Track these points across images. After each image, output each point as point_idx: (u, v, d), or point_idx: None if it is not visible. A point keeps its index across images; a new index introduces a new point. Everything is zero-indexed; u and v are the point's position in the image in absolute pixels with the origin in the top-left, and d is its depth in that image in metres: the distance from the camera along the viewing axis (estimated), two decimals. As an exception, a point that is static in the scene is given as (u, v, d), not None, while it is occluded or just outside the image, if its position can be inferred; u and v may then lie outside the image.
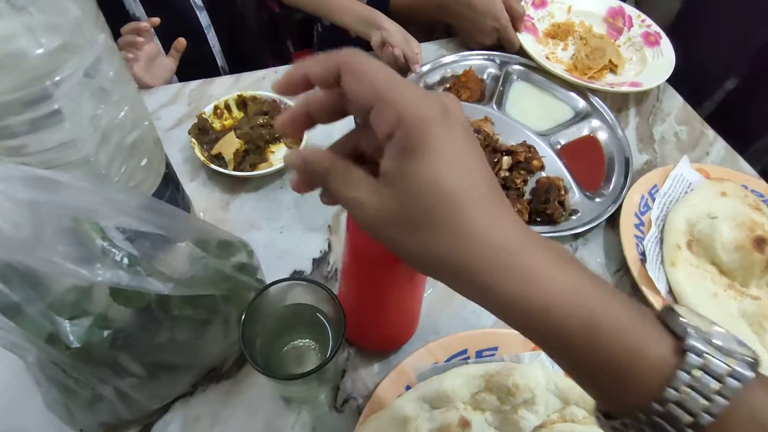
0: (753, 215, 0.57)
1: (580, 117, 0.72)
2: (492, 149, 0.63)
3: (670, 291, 0.54)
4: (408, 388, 0.45)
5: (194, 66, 0.77)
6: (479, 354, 0.48)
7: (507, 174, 0.62)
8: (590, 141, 0.70)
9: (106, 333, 0.35)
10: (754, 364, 0.21)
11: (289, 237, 0.56)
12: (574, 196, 0.64)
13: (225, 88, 0.70)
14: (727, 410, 0.20)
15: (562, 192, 0.61)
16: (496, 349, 0.48)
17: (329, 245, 0.56)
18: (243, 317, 0.36)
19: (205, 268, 0.38)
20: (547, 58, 0.77)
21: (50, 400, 0.34)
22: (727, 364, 0.21)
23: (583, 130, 0.71)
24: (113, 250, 0.33)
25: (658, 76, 0.74)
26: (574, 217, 0.61)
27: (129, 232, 0.34)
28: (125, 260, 0.34)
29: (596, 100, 0.73)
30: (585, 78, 0.75)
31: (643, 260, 0.55)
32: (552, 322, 0.22)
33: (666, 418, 0.21)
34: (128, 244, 0.34)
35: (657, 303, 0.52)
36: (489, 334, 0.49)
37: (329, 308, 0.39)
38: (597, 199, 0.63)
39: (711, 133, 0.74)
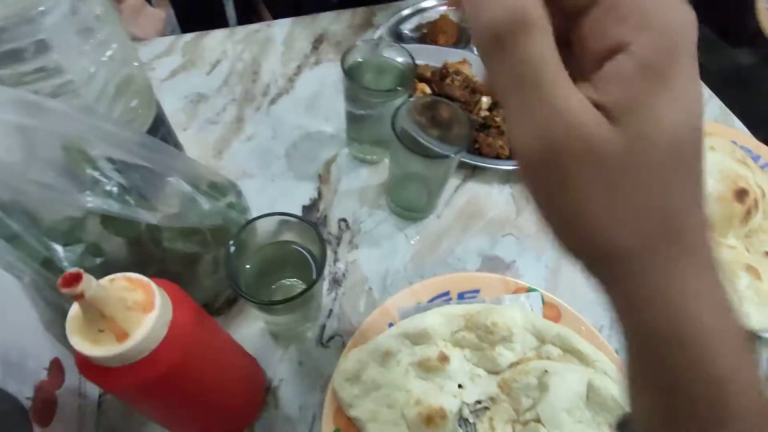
0: (738, 169, 0.58)
1: None
2: (471, 90, 0.64)
3: None
4: (391, 325, 0.47)
5: (202, 17, 0.77)
6: (461, 296, 0.50)
7: (487, 113, 0.63)
8: None
9: (98, 260, 0.37)
10: None
11: (280, 185, 0.57)
12: None
13: (219, 41, 0.70)
14: None
15: None
16: (477, 291, 0.50)
17: (319, 193, 0.57)
18: (230, 244, 0.37)
19: (193, 203, 0.39)
20: None
21: (46, 320, 0.36)
22: None
23: None
24: (103, 179, 0.35)
25: None
26: None
27: (118, 163, 0.36)
28: (115, 190, 0.35)
29: None
30: None
31: None
32: (702, 370, 0.18)
33: None
34: (117, 174, 0.36)
35: None
36: (471, 278, 0.50)
37: (313, 244, 0.41)
38: None
39: (706, 91, 0.74)
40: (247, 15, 0.77)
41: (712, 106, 0.72)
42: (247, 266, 0.42)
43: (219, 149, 0.59)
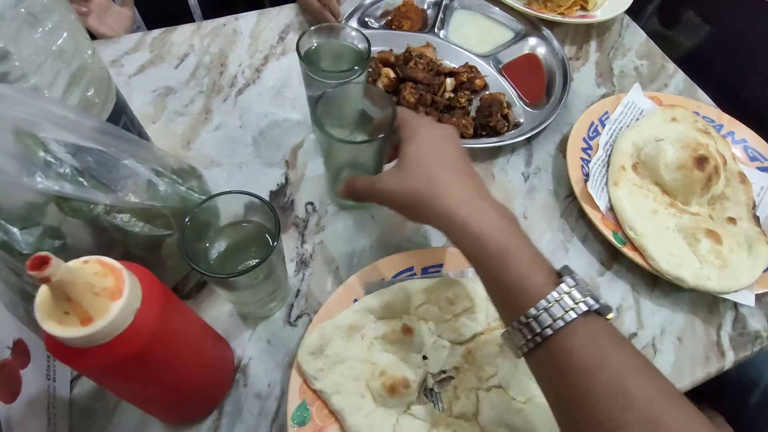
0: (699, 138, 0.59)
1: (519, 37, 0.75)
2: (435, 73, 0.65)
3: (611, 209, 0.56)
4: (356, 301, 0.48)
5: (167, 14, 0.77)
6: (425, 270, 0.50)
7: (452, 95, 0.64)
8: (530, 58, 0.73)
9: (57, 243, 0.38)
10: (604, 306, 0.32)
11: (247, 172, 0.58)
12: (517, 109, 0.66)
13: (186, 36, 0.71)
14: (574, 322, 0.31)
15: (504, 106, 0.63)
16: (441, 266, 0.51)
17: (286, 178, 0.58)
18: (186, 221, 0.38)
19: (149, 185, 0.40)
20: None
21: (7, 300, 0.37)
22: (583, 296, 0.31)
23: (523, 48, 0.74)
24: (55, 162, 0.36)
25: (613, 8, 0.74)
26: (519, 128, 0.64)
27: (70, 147, 0.37)
28: (68, 171, 0.36)
29: (536, 21, 0.75)
30: (546, 11, 0.75)
31: (587, 180, 0.57)
32: (481, 243, 0.35)
33: (537, 320, 0.32)
34: (70, 157, 0.36)
35: (596, 219, 0.54)
36: (435, 252, 0.51)
37: (267, 220, 0.42)
38: (538, 111, 0.66)
39: (671, 66, 0.75)
40: (219, 10, 0.78)
41: (677, 79, 0.73)
42: (207, 246, 0.43)
43: (187, 140, 0.60)
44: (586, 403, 0.29)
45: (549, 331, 0.31)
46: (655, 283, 0.54)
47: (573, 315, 0.30)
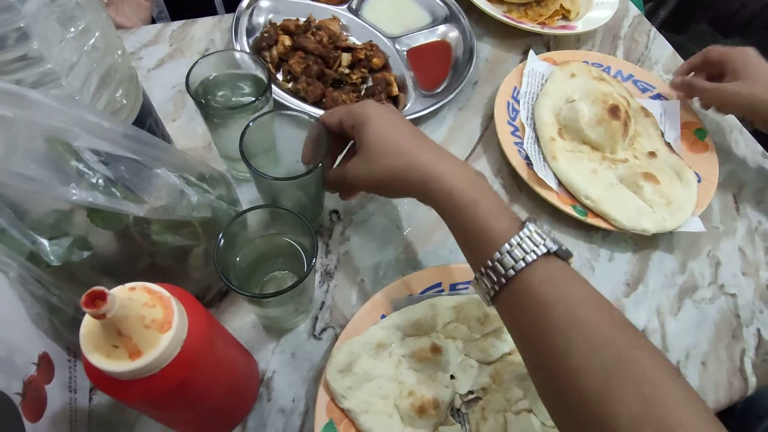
0: (601, 87, 0.63)
1: (437, 22, 0.73)
2: (334, 47, 0.65)
3: (560, 183, 0.58)
4: (383, 317, 0.47)
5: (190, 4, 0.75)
6: (453, 287, 0.50)
7: (347, 71, 0.64)
8: (440, 45, 0.72)
9: (86, 254, 0.36)
10: (563, 250, 0.34)
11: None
12: (411, 94, 0.64)
13: (207, 30, 0.69)
14: (535, 263, 0.33)
15: (394, 87, 0.63)
16: (469, 283, 0.50)
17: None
18: (220, 238, 0.37)
19: (181, 195, 0.39)
20: None
21: (33, 314, 0.35)
22: (543, 239, 0.34)
23: (435, 34, 0.72)
24: (88, 171, 0.34)
25: (594, 20, 0.74)
26: (404, 111, 0.62)
27: (104, 155, 0.35)
28: (101, 182, 0.35)
29: (456, 7, 0.73)
30: (527, 21, 0.74)
31: (529, 163, 0.58)
32: (453, 199, 0.38)
33: (501, 263, 0.34)
34: (103, 166, 0.35)
35: (553, 198, 0.56)
36: (464, 269, 0.50)
37: (304, 236, 0.41)
38: (430, 98, 0.64)
39: (698, 81, 0.74)
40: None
41: (704, 95, 0.72)
42: (237, 259, 0.42)
43: (208, 140, 0.58)
44: (546, 336, 0.32)
45: (512, 272, 0.33)
46: (680, 305, 0.54)
47: (533, 256, 0.33)
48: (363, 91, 0.63)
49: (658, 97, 0.68)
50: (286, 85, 0.63)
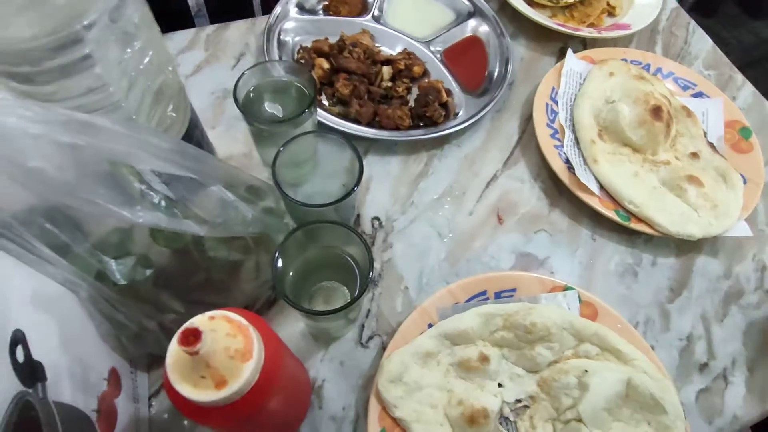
0: (641, 86, 0.62)
1: (462, 18, 0.71)
2: (372, 61, 0.63)
3: (601, 186, 0.57)
4: (430, 326, 0.48)
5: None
6: (498, 295, 0.50)
7: (389, 84, 0.63)
8: (473, 41, 0.70)
9: (148, 272, 0.37)
10: None
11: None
12: (459, 97, 0.64)
13: (242, 33, 0.69)
14: None
15: (443, 94, 0.61)
16: (514, 290, 0.50)
17: (351, 191, 0.57)
18: (276, 257, 0.37)
19: (236, 212, 0.39)
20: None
21: (103, 332, 0.36)
22: None
23: (465, 30, 0.71)
24: (151, 192, 0.35)
25: (644, 15, 0.71)
26: (459, 117, 0.62)
27: (164, 176, 0.36)
28: (163, 203, 0.35)
29: (480, 2, 0.72)
30: (574, 25, 0.72)
31: (570, 167, 0.57)
32: None
33: None
34: (164, 187, 0.35)
35: (595, 203, 0.55)
36: (507, 277, 0.50)
37: (356, 250, 0.41)
38: (480, 98, 0.64)
39: (739, 77, 0.72)
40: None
41: (746, 92, 0.71)
42: (290, 273, 0.42)
43: (249, 147, 0.59)
44: None
45: None
46: (726, 311, 0.53)
47: None
48: (413, 103, 0.62)
49: (700, 95, 0.67)
50: (335, 110, 0.61)
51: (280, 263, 0.38)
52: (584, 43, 0.73)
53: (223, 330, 0.26)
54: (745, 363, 0.50)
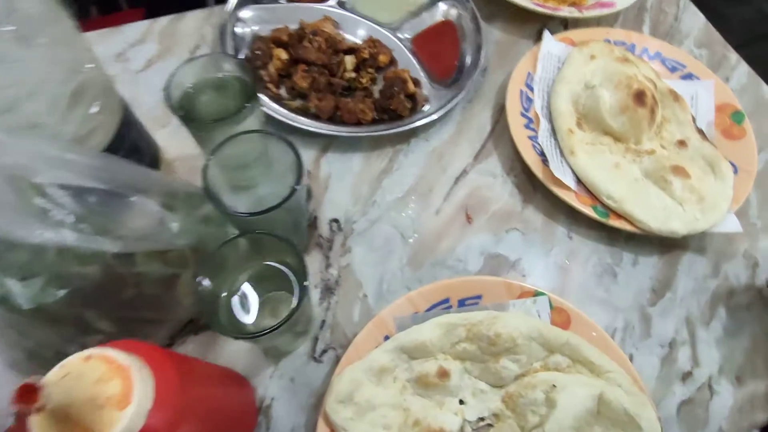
0: (625, 69, 0.57)
1: (433, 1, 0.66)
2: (334, 51, 0.59)
3: (579, 180, 0.53)
4: (387, 338, 0.44)
5: None
6: (462, 303, 0.46)
7: (353, 75, 0.58)
8: (444, 26, 0.65)
9: (61, 293, 0.34)
10: None
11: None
12: (428, 88, 0.59)
13: (197, 24, 0.64)
14: None
15: (409, 84, 0.56)
16: (479, 297, 0.46)
17: (308, 191, 0.53)
18: (199, 281, 0.34)
19: (160, 224, 0.36)
20: None
21: (11, 360, 0.33)
22: None
23: (435, 15, 0.66)
24: (54, 208, 0.31)
25: None
26: (425, 109, 0.57)
27: (71, 189, 0.32)
28: (69, 218, 0.32)
29: None
30: (553, 5, 0.66)
31: (545, 160, 0.53)
32: None
33: None
34: (71, 201, 0.32)
35: (571, 199, 0.51)
36: (472, 282, 0.47)
37: (294, 261, 0.37)
38: (450, 88, 0.59)
39: (734, 56, 0.66)
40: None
41: (740, 72, 0.65)
42: (224, 294, 0.39)
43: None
44: None
45: None
46: (713, 313, 0.49)
47: None
48: (378, 95, 0.58)
49: (690, 76, 0.62)
50: (294, 104, 0.57)
51: (203, 281, 0.34)
52: (565, 24, 0.68)
53: (95, 374, 0.22)
54: (733, 371, 0.46)
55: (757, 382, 0.46)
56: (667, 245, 0.52)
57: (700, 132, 0.57)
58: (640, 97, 0.54)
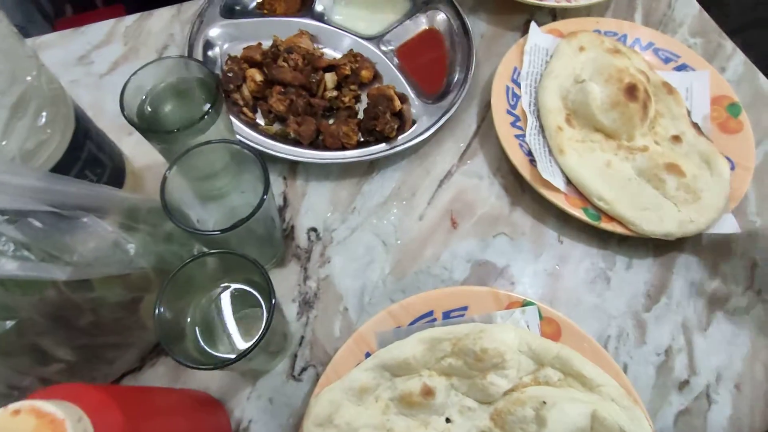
0: (615, 62, 0.54)
1: (417, 8, 0.62)
2: (312, 68, 0.54)
3: (568, 181, 0.51)
4: (368, 354, 0.42)
5: None
6: (447, 315, 0.44)
7: (334, 94, 0.54)
8: (429, 35, 0.61)
9: (8, 323, 0.31)
10: None
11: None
12: (416, 104, 0.55)
13: (165, 23, 0.61)
14: None
15: (396, 102, 0.51)
16: (465, 308, 0.44)
17: (284, 199, 0.50)
18: (157, 307, 0.31)
19: (114, 246, 0.33)
20: None
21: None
22: None
23: (420, 23, 0.61)
24: (-9, 235, 0.29)
25: None
26: (413, 128, 0.53)
27: (10, 213, 0.29)
28: (10, 246, 0.29)
29: None
30: None
31: (533, 160, 0.50)
32: None
33: None
34: (11, 227, 0.29)
35: (560, 201, 0.49)
36: (458, 293, 0.44)
37: (258, 277, 0.35)
38: (440, 102, 0.55)
39: (729, 44, 0.64)
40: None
41: (736, 61, 0.63)
42: (189, 319, 0.36)
43: (169, 154, 0.52)
44: None
45: None
46: (710, 318, 0.47)
47: None
48: (362, 114, 0.53)
49: (684, 67, 0.59)
50: (272, 129, 0.53)
51: (162, 309, 0.32)
52: (554, 15, 0.65)
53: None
54: (732, 378, 0.44)
55: (756, 388, 0.44)
56: (661, 247, 0.50)
57: (696, 126, 0.54)
58: (631, 91, 0.52)
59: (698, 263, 0.49)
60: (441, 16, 0.61)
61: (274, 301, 0.32)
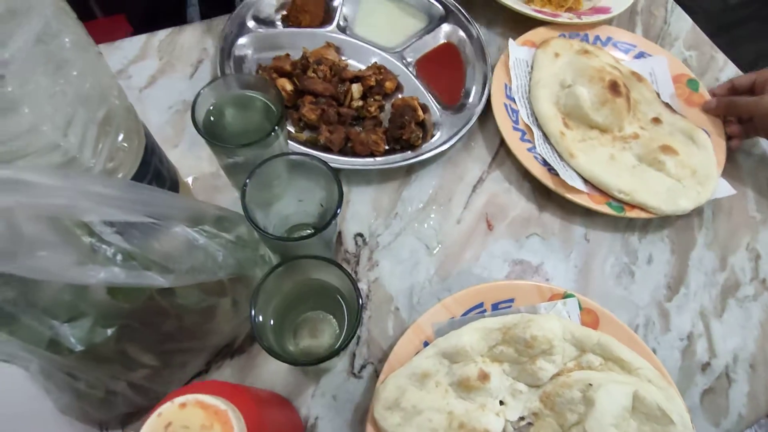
0: (590, 62, 0.59)
1: (434, 23, 0.66)
2: (339, 79, 0.58)
3: (585, 180, 0.55)
4: (426, 344, 0.45)
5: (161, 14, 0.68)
6: (495, 306, 0.47)
7: (360, 103, 0.57)
8: (447, 49, 0.65)
9: (110, 331, 0.33)
10: None
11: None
12: (435, 113, 0.59)
13: (197, 37, 0.63)
14: None
15: (419, 112, 0.55)
16: (512, 301, 0.47)
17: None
18: (251, 306, 0.34)
19: (205, 254, 0.35)
20: None
21: (62, 404, 0.32)
22: None
23: (438, 37, 0.65)
24: (103, 246, 0.30)
25: None
26: (436, 136, 0.57)
27: (117, 225, 0.31)
28: (118, 256, 0.31)
29: (452, 4, 0.66)
30: (551, 11, 0.68)
31: (551, 170, 0.54)
32: None
33: None
34: (118, 237, 0.31)
35: (585, 201, 0.53)
36: (504, 287, 0.48)
37: (342, 284, 0.37)
38: (459, 113, 0.59)
39: (721, 57, 0.70)
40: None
41: (728, 72, 0.69)
42: (271, 308, 0.39)
43: (216, 165, 0.54)
44: None
45: None
46: (724, 305, 0.52)
47: None
48: (387, 123, 0.57)
49: (642, 55, 0.65)
50: (302, 136, 0.56)
51: (259, 314, 0.34)
52: (563, 29, 0.70)
53: (197, 421, 0.22)
54: (746, 359, 0.49)
55: (769, 367, 0.49)
56: (677, 243, 0.55)
57: (668, 106, 0.60)
58: (614, 87, 0.57)
59: (709, 256, 0.54)
60: (457, 31, 0.65)
61: (361, 301, 0.35)
